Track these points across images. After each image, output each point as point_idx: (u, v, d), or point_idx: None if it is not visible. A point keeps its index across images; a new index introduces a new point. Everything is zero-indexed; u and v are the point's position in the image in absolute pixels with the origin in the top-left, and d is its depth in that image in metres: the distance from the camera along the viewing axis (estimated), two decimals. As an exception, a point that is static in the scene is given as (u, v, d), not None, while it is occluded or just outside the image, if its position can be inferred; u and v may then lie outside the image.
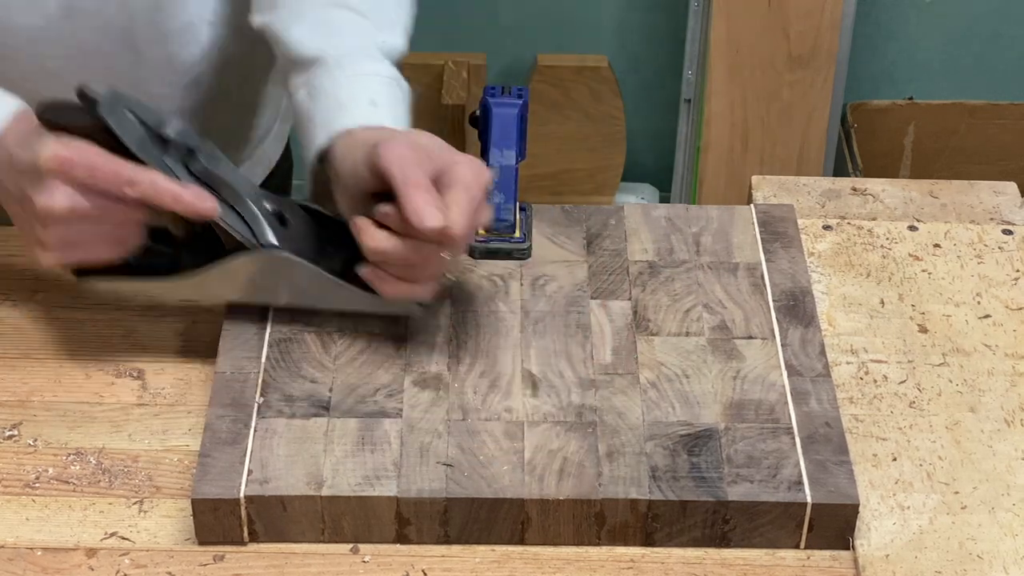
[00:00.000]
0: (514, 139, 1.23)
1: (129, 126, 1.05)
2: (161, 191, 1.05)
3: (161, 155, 1.07)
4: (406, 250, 1.06)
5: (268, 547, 1.03)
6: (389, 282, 1.09)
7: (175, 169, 1.07)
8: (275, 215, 1.11)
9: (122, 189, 1.04)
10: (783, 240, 1.23)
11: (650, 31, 2.55)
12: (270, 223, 1.10)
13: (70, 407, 1.12)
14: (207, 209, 1.06)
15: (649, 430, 1.06)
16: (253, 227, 1.10)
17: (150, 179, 1.05)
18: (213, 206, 1.07)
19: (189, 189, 1.06)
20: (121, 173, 1.04)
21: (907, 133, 2.55)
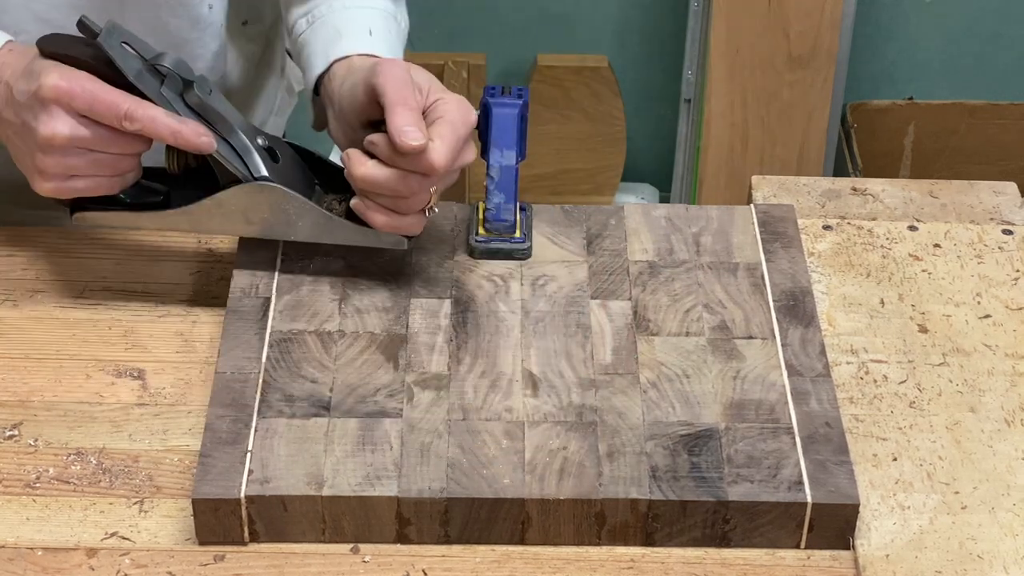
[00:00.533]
0: (514, 139, 1.23)
1: (128, 58, 1.08)
2: (160, 125, 1.08)
3: (159, 87, 1.09)
4: (392, 179, 1.10)
5: (268, 547, 1.03)
6: (379, 212, 1.13)
7: (172, 101, 1.10)
8: (267, 150, 1.14)
9: (121, 122, 1.07)
10: (783, 240, 1.23)
11: (650, 31, 2.55)
12: (263, 157, 1.13)
13: (70, 407, 1.12)
14: (205, 143, 1.10)
15: (649, 430, 1.07)
16: (246, 160, 1.13)
17: (149, 113, 1.07)
18: (210, 141, 1.10)
19: (187, 124, 1.09)
20: (120, 105, 1.07)
21: (907, 133, 2.55)
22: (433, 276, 1.19)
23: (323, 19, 1.24)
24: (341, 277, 1.18)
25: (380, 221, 1.13)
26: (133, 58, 1.09)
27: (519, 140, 1.24)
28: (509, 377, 1.11)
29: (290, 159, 1.17)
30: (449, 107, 1.12)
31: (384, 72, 1.11)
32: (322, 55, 1.21)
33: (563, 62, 2.51)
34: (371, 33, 1.22)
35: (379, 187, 1.11)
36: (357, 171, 1.11)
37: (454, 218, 1.25)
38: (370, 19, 1.24)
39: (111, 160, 1.10)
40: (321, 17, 1.24)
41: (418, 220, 1.14)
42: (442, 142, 1.10)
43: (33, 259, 1.24)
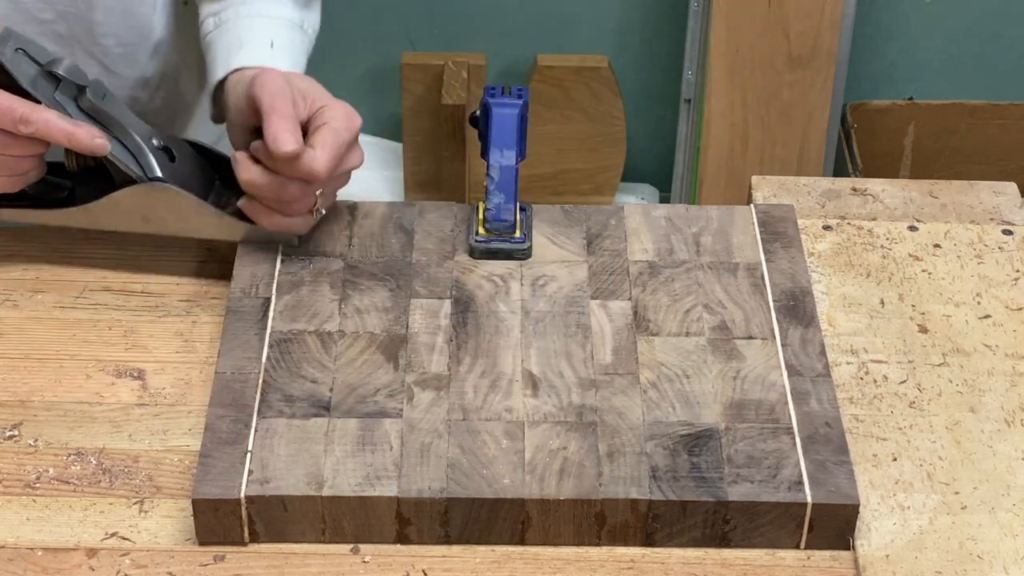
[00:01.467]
0: (514, 139, 1.23)
1: (22, 64, 1.12)
2: (54, 129, 1.11)
3: (52, 92, 1.13)
4: (274, 184, 1.14)
5: (268, 547, 1.03)
6: (264, 214, 1.17)
7: (66, 106, 1.14)
8: (163, 150, 1.18)
9: (16, 126, 1.10)
10: (783, 240, 1.23)
11: (650, 31, 2.55)
12: (157, 158, 1.17)
13: (70, 407, 1.12)
14: (98, 146, 1.13)
15: (649, 430, 1.07)
16: (141, 161, 1.17)
17: (43, 117, 1.11)
18: (103, 143, 1.14)
19: (81, 127, 1.12)
20: (15, 110, 1.10)
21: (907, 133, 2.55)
22: (433, 276, 1.19)
23: (228, 24, 1.27)
24: (341, 277, 1.18)
25: (266, 222, 1.17)
26: (28, 64, 1.12)
27: (519, 140, 1.24)
28: (509, 377, 1.11)
29: (188, 158, 1.21)
30: (333, 113, 1.15)
31: (261, 83, 1.14)
32: (222, 63, 1.24)
33: (563, 62, 2.51)
34: (272, 46, 1.25)
35: (262, 191, 1.15)
36: (242, 175, 1.15)
37: (454, 218, 1.25)
38: (273, 30, 1.26)
39: (10, 161, 1.14)
40: (227, 22, 1.27)
41: (304, 221, 1.18)
42: (323, 149, 1.13)
43: (33, 259, 1.24)
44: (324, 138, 1.14)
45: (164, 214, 1.18)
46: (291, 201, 1.16)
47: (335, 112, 1.15)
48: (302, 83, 1.18)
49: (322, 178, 1.14)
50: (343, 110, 1.16)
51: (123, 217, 1.19)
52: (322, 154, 1.13)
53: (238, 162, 1.15)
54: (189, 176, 1.20)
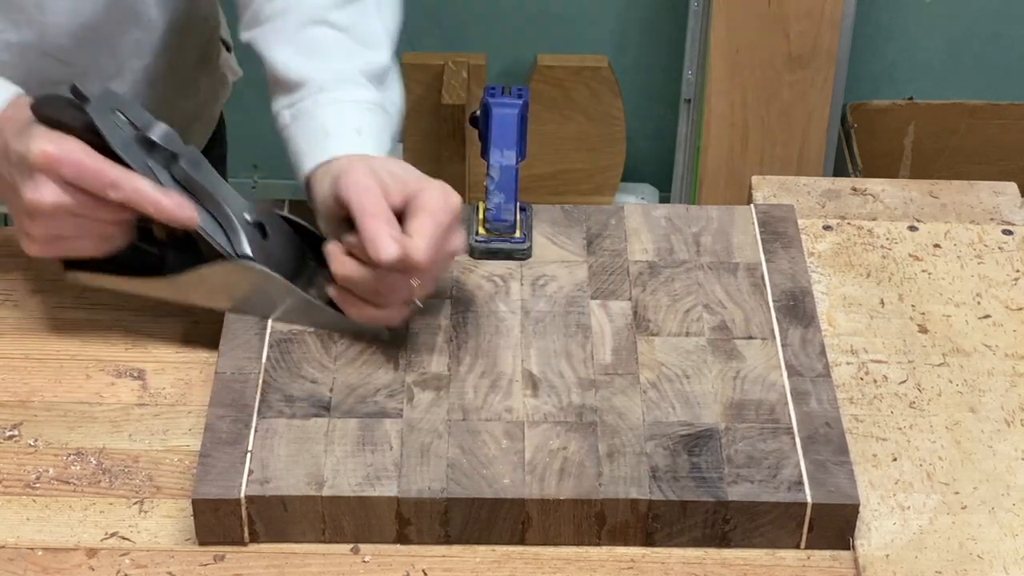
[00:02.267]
0: (514, 139, 1.23)
1: (116, 127, 1.08)
2: (143, 196, 1.07)
3: (145, 158, 1.09)
4: (371, 278, 1.09)
5: (268, 547, 1.03)
6: (356, 305, 1.11)
7: (158, 173, 1.09)
8: (256, 225, 1.12)
9: (105, 191, 1.07)
10: (783, 240, 1.23)
11: (650, 31, 2.55)
12: (248, 234, 1.12)
13: (70, 407, 1.12)
14: (187, 218, 1.09)
15: (649, 430, 1.07)
16: (231, 236, 1.11)
17: (133, 184, 1.07)
18: (192, 216, 1.09)
19: (170, 197, 1.08)
20: (106, 175, 1.06)
21: (907, 133, 2.55)
22: (433, 276, 1.19)
23: (308, 114, 1.19)
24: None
25: (357, 314, 1.12)
26: (123, 126, 1.08)
27: (519, 140, 1.24)
28: (509, 377, 1.11)
29: (281, 234, 1.15)
30: (430, 196, 1.09)
31: (347, 181, 1.10)
32: (309, 155, 1.17)
33: (563, 62, 2.51)
34: (359, 133, 1.18)
35: (358, 286, 1.10)
36: (336, 270, 1.10)
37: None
38: (356, 115, 1.19)
39: (98, 226, 1.10)
40: (306, 112, 1.19)
41: (398, 313, 1.12)
42: (421, 237, 1.07)
43: (33, 259, 1.24)
44: (422, 225, 1.08)
45: (249, 294, 1.13)
46: (387, 293, 1.10)
47: (432, 195, 1.09)
48: (394, 167, 1.12)
49: (423, 268, 1.08)
50: (440, 192, 1.10)
51: (208, 293, 1.14)
52: (421, 243, 1.07)
53: (332, 255, 1.10)
54: (280, 255, 1.14)
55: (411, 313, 1.13)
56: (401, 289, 1.10)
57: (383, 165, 1.12)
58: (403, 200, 1.09)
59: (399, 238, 1.07)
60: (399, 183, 1.10)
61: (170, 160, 1.10)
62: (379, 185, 1.09)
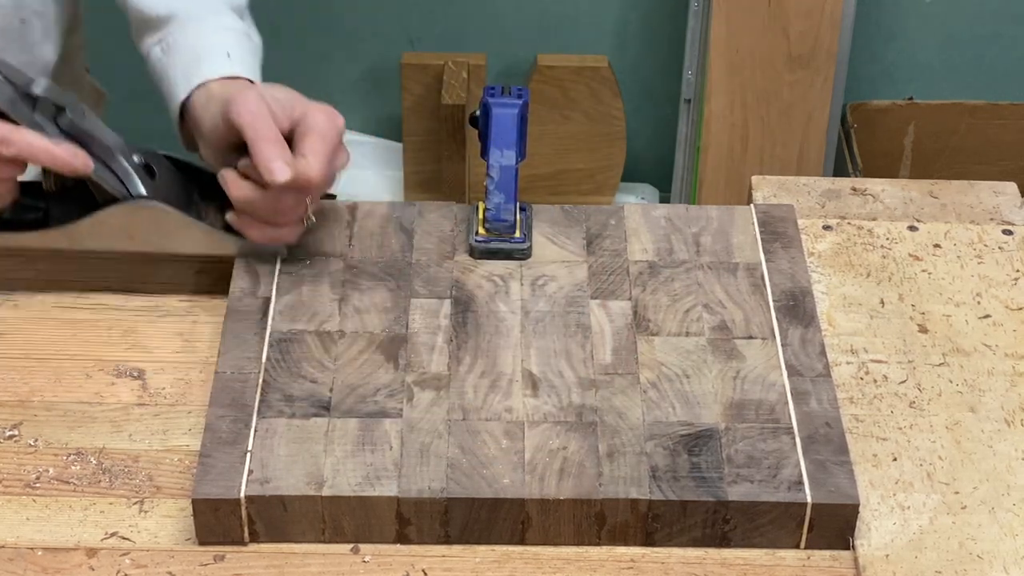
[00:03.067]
0: (514, 139, 1.23)
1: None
2: (36, 149, 1.10)
3: (31, 113, 1.11)
4: (269, 198, 1.14)
5: (268, 547, 1.03)
6: (255, 227, 1.16)
7: (45, 126, 1.12)
8: (144, 167, 1.17)
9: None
10: (783, 240, 1.23)
11: (650, 31, 2.55)
12: (140, 175, 1.16)
13: (70, 407, 1.12)
14: (82, 166, 1.12)
15: (649, 430, 1.07)
16: (124, 180, 1.15)
17: (24, 138, 1.09)
18: (87, 162, 1.12)
19: (63, 147, 1.11)
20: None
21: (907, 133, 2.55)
22: (433, 276, 1.19)
23: (178, 45, 1.25)
24: (341, 277, 1.18)
25: (257, 235, 1.16)
26: (4, 85, 1.11)
27: (519, 140, 1.24)
28: (509, 377, 1.11)
29: (167, 173, 1.19)
30: (317, 118, 1.14)
31: (238, 106, 1.13)
32: (183, 81, 1.22)
33: (563, 62, 2.51)
34: (229, 56, 1.23)
35: (256, 206, 1.14)
36: (234, 194, 1.14)
37: (454, 218, 1.25)
38: (225, 41, 1.24)
39: None
40: (176, 43, 1.25)
41: (294, 230, 1.17)
42: (314, 156, 1.13)
43: (33, 259, 1.24)
44: (313, 144, 1.13)
45: (150, 232, 1.17)
46: (284, 212, 1.15)
47: (318, 117, 1.15)
48: (278, 92, 1.17)
49: (317, 184, 1.13)
50: (325, 113, 1.15)
51: (107, 236, 1.18)
52: (314, 161, 1.13)
53: (228, 180, 1.14)
54: (170, 192, 1.19)
55: (305, 228, 1.18)
56: (297, 207, 1.15)
57: (268, 91, 1.16)
58: (291, 123, 1.14)
59: (291, 160, 1.11)
60: (285, 107, 1.15)
61: (55, 112, 1.13)
62: (268, 109, 1.14)
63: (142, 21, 1.27)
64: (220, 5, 1.27)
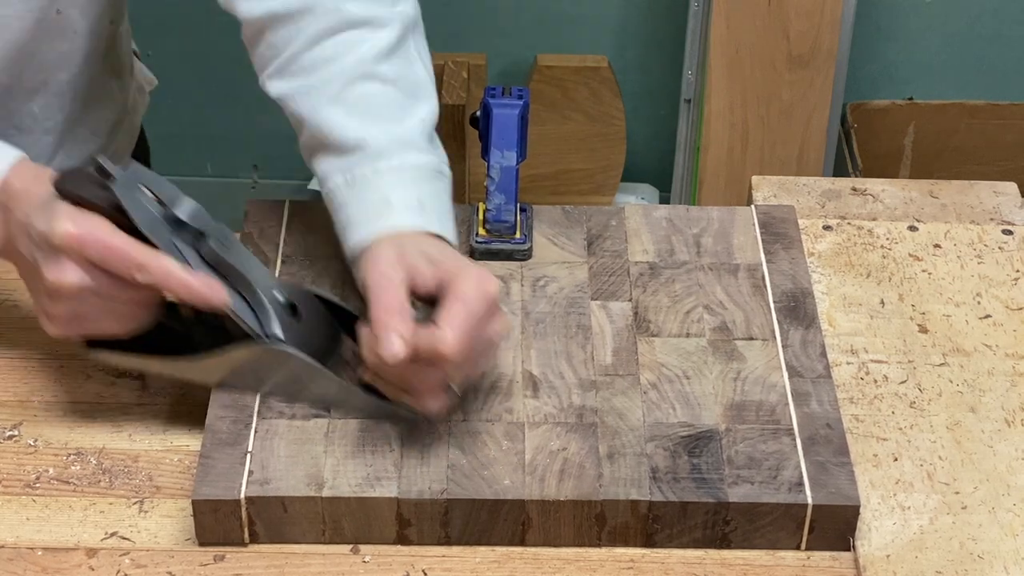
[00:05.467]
0: (515, 140, 1.23)
1: (141, 205, 1.04)
2: (171, 278, 1.02)
3: (172, 237, 1.04)
4: (398, 369, 1.04)
5: (268, 547, 1.03)
6: (389, 391, 1.07)
7: (185, 252, 1.05)
8: (287, 306, 1.08)
9: (132, 273, 1.02)
10: (784, 241, 1.23)
11: (650, 31, 2.55)
12: (279, 314, 1.07)
13: (70, 407, 1.12)
14: (216, 300, 1.04)
15: (650, 431, 1.06)
16: (260, 317, 1.06)
17: (161, 265, 1.02)
18: (222, 297, 1.04)
19: (199, 278, 1.03)
20: (133, 256, 1.02)
21: (907, 133, 2.55)
22: (433, 276, 1.19)
23: (366, 181, 1.12)
24: (342, 278, 1.18)
25: (392, 394, 1.07)
26: (149, 203, 1.04)
27: (519, 141, 1.24)
28: (509, 378, 1.11)
29: (313, 313, 1.10)
30: (464, 285, 1.04)
31: (370, 269, 1.06)
32: (366, 225, 1.11)
33: (563, 62, 2.51)
34: (423, 205, 1.11)
35: (386, 373, 1.05)
36: (366, 356, 1.05)
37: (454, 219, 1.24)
38: (419, 184, 1.13)
39: (123, 307, 1.05)
40: (364, 180, 1.13)
41: (435, 401, 1.05)
42: (451, 328, 1.01)
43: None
44: (452, 313, 1.02)
45: (279, 378, 1.08)
46: (417, 384, 1.05)
47: (466, 283, 1.04)
48: (429, 248, 1.07)
49: (452, 360, 1.02)
50: (475, 278, 1.04)
51: (235, 375, 1.08)
52: (450, 334, 1.01)
53: (363, 339, 1.05)
54: (313, 335, 1.09)
55: (451, 402, 1.07)
56: (432, 379, 1.04)
57: (417, 246, 1.07)
58: (436, 284, 1.05)
59: (409, 332, 1.02)
60: (432, 266, 1.06)
61: (197, 238, 1.05)
62: (406, 272, 1.05)
63: (323, 141, 1.15)
64: (413, 136, 1.15)
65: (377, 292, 1.04)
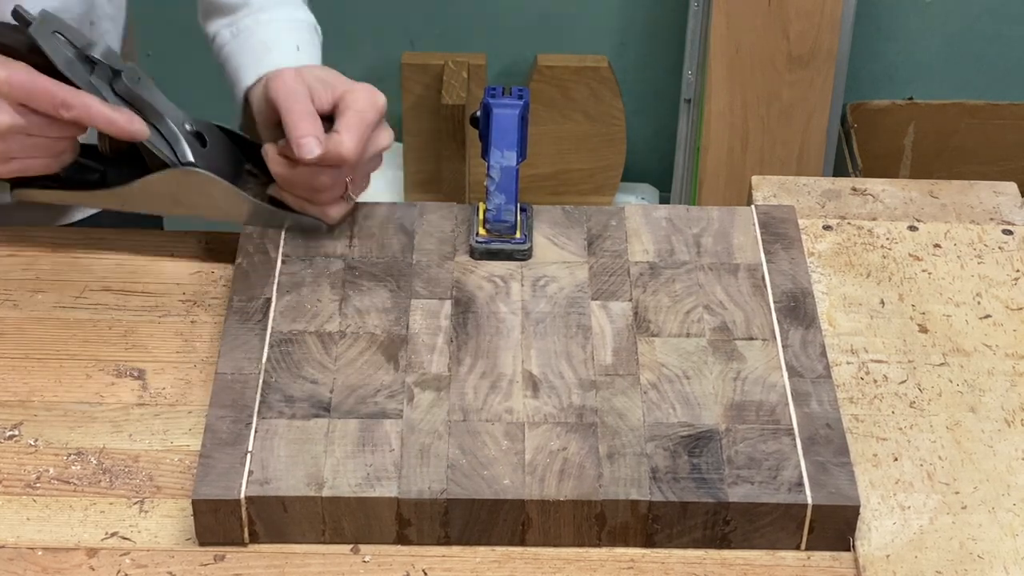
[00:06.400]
0: (515, 140, 1.23)
1: (59, 47, 1.13)
2: (94, 114, 1.13)
3: (88, 75, 1.14)
4: (306, 174, 1.17)
5: (268, 547, 1.03)
6: (295, 202, 1.20)
7: (101, 89, 1.15)
8: (195, 135, 1.19)
9: (57, 110, 1.12)
10: (784, 241, 1.23)
11: (650, 31, 2.55)
12: (190, 143, 1.18)
13: (71, 407, 1.12)
14: (137, 131, 1.15)
15: (650, 431, 1.06)
16: (174, 146, 1.18)
17: (84, 102, 1.12)
18: (142, 129, 1.15)
19: (120, 112, 1.14)
20: (56, 95, 1.11)
21: (907, 133, 2.55)
22: (433, 277, 1.19)
23: (249, 31, 1.29)
24: (341, 277, 1.18)
25: (298, 208, 1.20)
26: (64, 47, 1.13)
27: (519, 141, 1.24)
28: (509, 378, 1.11)
29: (219, 143, 1.22)
30: (356, 96, 1.17)
31: (276, 85, 1.18)
32: (251, 68, 1.25)
33: (563, 62, 2.51)
34: (298, 48, 1.27)
35: (294, 183, 1.18)
36: (273, 169, 1.18)
37: (455, 219, 1.25)
38: (296, 33, 1.29)
39: (48, 143, 1.15)
40: (247, 29, 1.29)
41: (336, 208, 1.20)
42: (348, 133, 1.15)
43: (33, 259, 1.24)
44: (348, 121, 1.16)
45: (196, 199, 1.20)
46: (323, 190, 1.18)
47: (358, 95, 1.17)
48: (321, 72, 1.20)
49: (351, 161, 1.16)
50: (366, 91, 1.18)
51: (154, 200, 1.20)
52: (348, 137, 1.15)
53: (268, 155, 1.18)
54: (220, 162, 1.21)
55: (348, 208, 1.21)
56: (335, 186, 1.18)
57: (311, 71, 1.20)
58: (332, 102, 1.18)
59: (323, 136, 1.14)
60: (327, 87, 1.18)
61: (112, 76, 1.16)
62: (307, 89, 1.17)
63: (212, 4, 1.31)
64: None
65: (288, 103, 1.16)
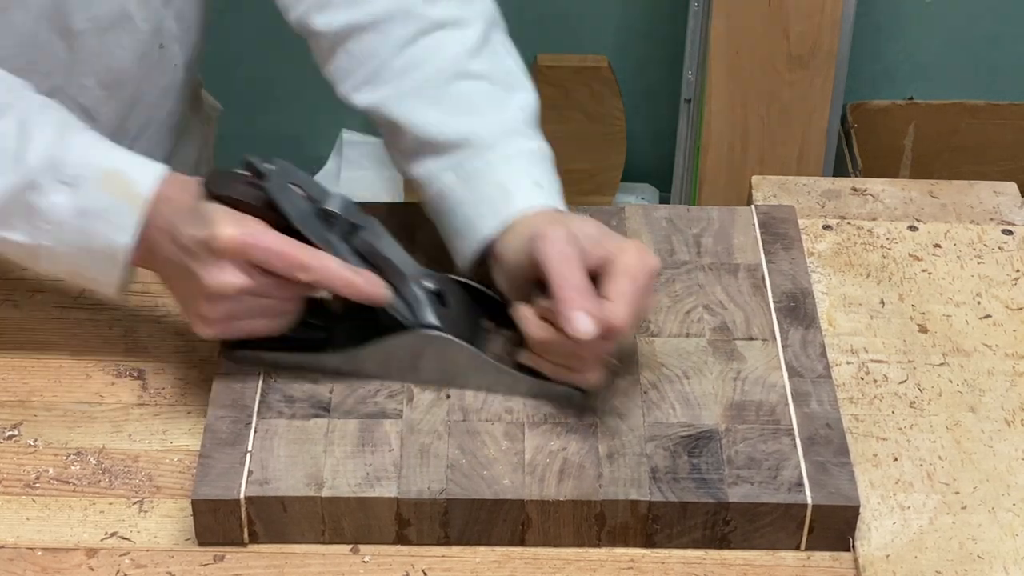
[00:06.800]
0: (515, 140, 1.23)
1: (295, 202, 1.04)
2: (333, 277, 1.04)
3: (325, 232, 1.05)
4: (568, 343, 1.04)
5: (268, 547, 1.03)
6: (550, 368, 1.08)
7: (337, 246, 1.05)
8: (435, 294, 1.09)
9: (295, 273, 1.03)
10: (784, 241, 1.23)
11: (650, 31, 2.55)
12: (431, 303, 1.08)
13: (70, 407, 1.12)
14: (380, 296, 1.05)
15: (649, 431, 1.06)
16: (414, 307, 1.08)
17: (323, 264, 1.04)
18: (386, 294, 1.06)
19: (360, 274, 1.05)
20: (296, 257, 1.03)
21: (907, 133, 2.55)
22: (433, 276, 1.19)
23: (480, 174, 1.13)
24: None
25: (552, 374, 1.08)
26: (300, 200, 1.05)
27: (520, 141, 1.23)
28: (509, 378, 1.11)
29: (458, 301, 1.11)
30: (628, 259, 1.05)
31: (546, 246, 1.05)
32: (489, 217, 1.11)
33: (563, 62, 2.51)
34: (540, 186, 1.13)
35: (554, 350, 1.06)
36: (533, 334, 1.06)
37: None
38: (531, 167, 1.15)
39: (276, 304, 1.07)
40: (477, 172, 1.13)
41: (595, 375, 1.07)
42: (622, 302, 1.03)
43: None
44: (621, 288, 1.04)
45: (436, 364, 1.09)
46: (584, 357, 1.06)
47: (629, 257, 1.05)
48: (587, 227, 1.08)
49: (623, 333, 1.04)
50: (638, 254, 1.06)
51: (390, 365, 1.09)
52: (621, 307, 1.03)
53: (526, 319, 1.06)
54: (461, 322, 1.10)
55: (607, 373, 1.09)
56: (597, 352, 1.06)
57: (580, 227, 1.07)
58: (599, 262, 1.06)
59: (597, 309, 1.03)
60: (596, 245, 1.06)
61: (349, 232, 1.06)
62: (580, 252, 1.05)
63: (421, 143, 1.16)
64: (516, 124, 1.16)
65: (561, 269, 1.04)
